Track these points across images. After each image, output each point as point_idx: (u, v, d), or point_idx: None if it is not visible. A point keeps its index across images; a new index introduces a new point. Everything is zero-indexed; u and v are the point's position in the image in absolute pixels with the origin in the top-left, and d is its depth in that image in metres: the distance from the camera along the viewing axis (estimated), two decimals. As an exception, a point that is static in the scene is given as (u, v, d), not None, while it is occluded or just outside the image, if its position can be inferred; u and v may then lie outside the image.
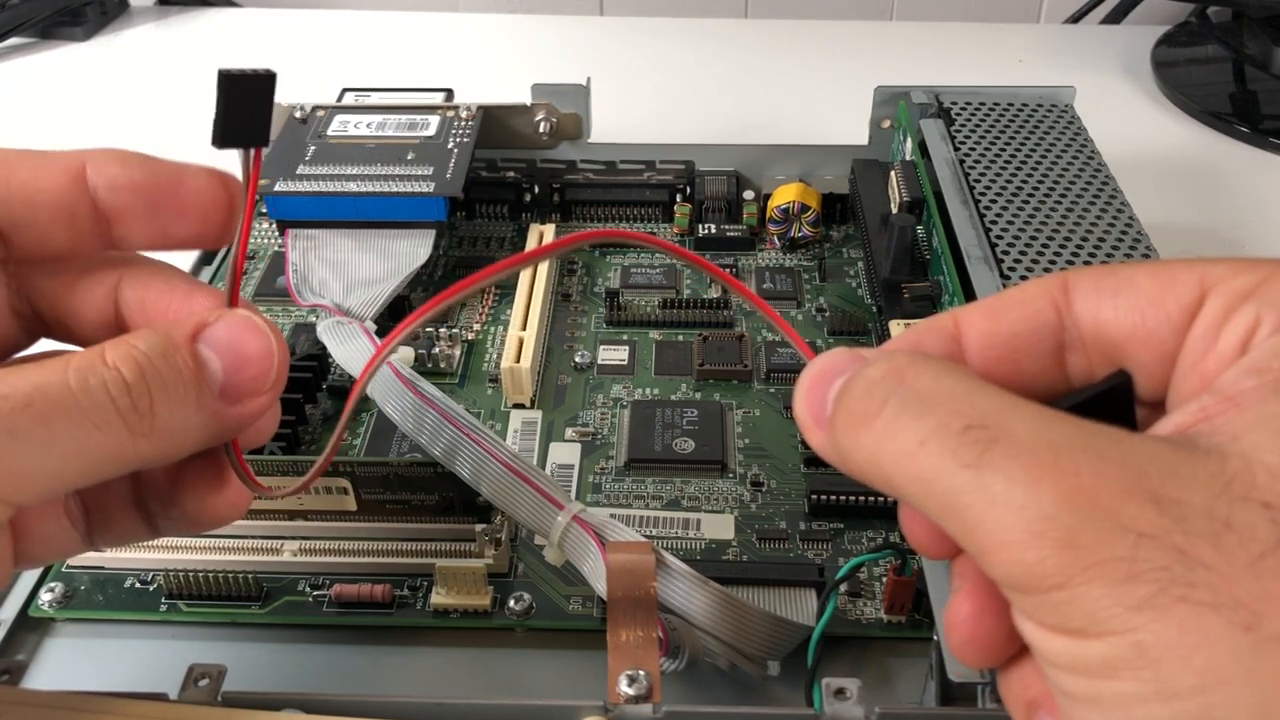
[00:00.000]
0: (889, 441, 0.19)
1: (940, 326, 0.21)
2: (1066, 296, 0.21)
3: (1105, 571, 0.16)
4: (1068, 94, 0.51)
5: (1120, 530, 0.16)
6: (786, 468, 0.42)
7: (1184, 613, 0.16)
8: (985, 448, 0.18)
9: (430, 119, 0.53)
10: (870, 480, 0.20)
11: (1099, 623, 0.16)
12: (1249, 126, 0.66)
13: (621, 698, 0.28)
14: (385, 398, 0.38)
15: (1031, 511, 0.17)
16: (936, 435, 0.18)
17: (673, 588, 0.32)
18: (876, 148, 0.55)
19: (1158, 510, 0.16)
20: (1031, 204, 0.43)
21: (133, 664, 0.36)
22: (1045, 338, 0.21)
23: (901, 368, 0.19)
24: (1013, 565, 0.17)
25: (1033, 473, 0.17)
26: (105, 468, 0.22)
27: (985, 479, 0.17)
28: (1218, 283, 0.19)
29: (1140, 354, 0.20)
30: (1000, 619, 0.20)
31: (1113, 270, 0.20)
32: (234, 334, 0.23)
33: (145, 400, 0.22)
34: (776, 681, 0.34)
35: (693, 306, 0.49)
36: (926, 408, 0.19)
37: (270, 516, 0.37)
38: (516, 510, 0.34)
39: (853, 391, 0.20)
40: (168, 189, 0.24)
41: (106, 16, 0.83)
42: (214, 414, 0.23)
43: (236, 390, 0.23)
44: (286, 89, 0.55)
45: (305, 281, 0.46)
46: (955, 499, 0.18)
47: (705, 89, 0.73)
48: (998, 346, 0.21)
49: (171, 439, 0.22)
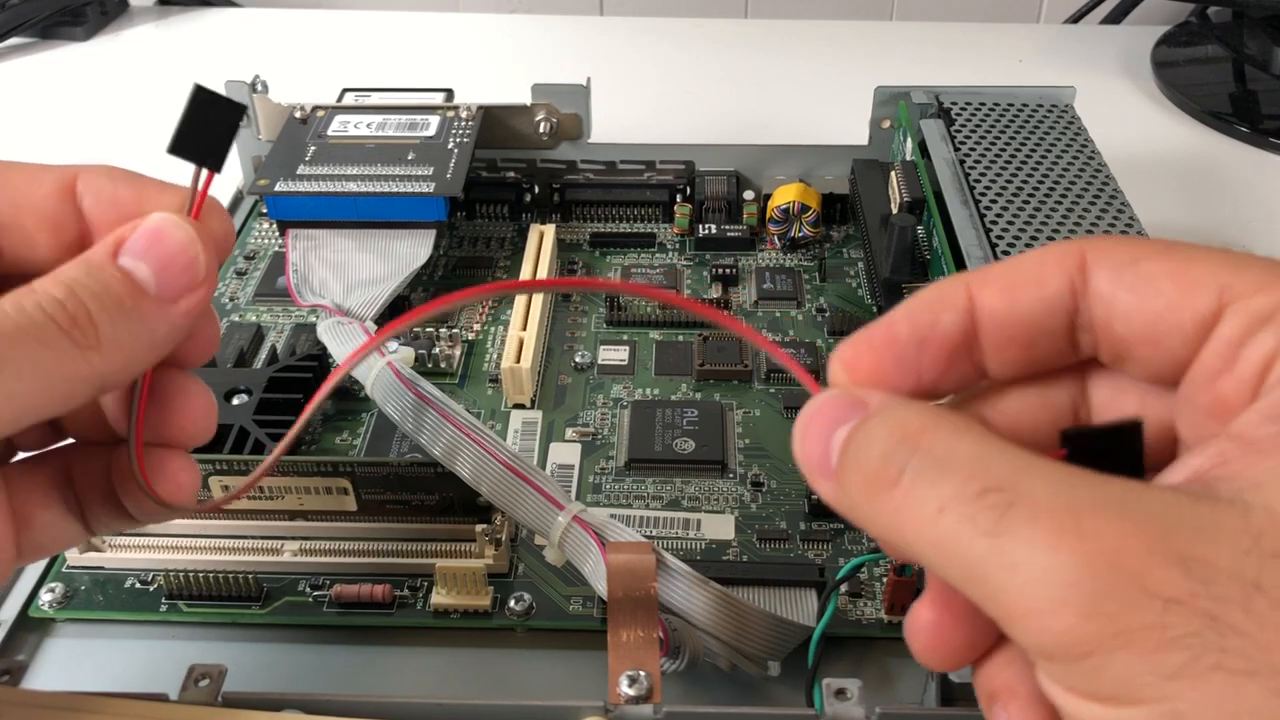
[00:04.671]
0: (907, 511, 0.18)
1: (954, 301, 0.21)
2: (1084, 276, 0.20)
3: (1135, 640, 0.16)
4: (1068, 94, 0.51)
5: (1147, 596, 0.16)
6: (786, 468, 0.42)
7: (1219, 681, 0.16)
8: (1003, 513, 0.17)
9: (430, 119, 0.53)
10: (889, 544, 0.20)
11: (1133, 690, 0.16)
12: (1249, 126, 0.66)
13: (622, 698, 0.28)
14: (385, 398, 0.38)
15: (1054, 578, 0.16)
16: (954, 502, 0.18)
17: (673, 588, 0.32)
18: (876, 148, 0.55)
19: (1184, 572, 0.16)
20: (1032, 204, 0.43)
21: (133, 664, 0.36)
22: (1060, 317, 0.20)
23: (915, 432, 0.19)
24: (1039, 633, 0.17)
25: (1052, 537, 0.17)
26: (66, 385, 0.22)
27: (1004, 546, 0.17)
28: (1237, 299, 0.19)
29: (1147, 354, 0.20)
30: (960, 627, 0.20)
31: (1133, 259, 0.20)
32: (152, 236, 0.24)
33: (83, 313, 0.22)
34: (777, 682, 0.34)
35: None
36: (943, 473, 0.18)
37: (270, 517, 0.37)
38: (516, 510, 0.34)
39: (867, 453, 0.19)
40: (150, 207, 0.24)
41: (106, 16, 0.83)
42: (158, 317, 0.23)
43: (170, 287, 0.23)
44: (286, 89, 0.55)
45: (305, 281, 0.46)
46: (976, 567, 0.17)
47: (705, 89, 0.73)
48: (1013, 327, 0.21)
49: (122, 351, 0.23)
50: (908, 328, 0.21)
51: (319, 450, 0.43)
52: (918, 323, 0.21)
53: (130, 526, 0.27)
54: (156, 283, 0.23)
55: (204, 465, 0.36)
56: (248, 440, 0.40)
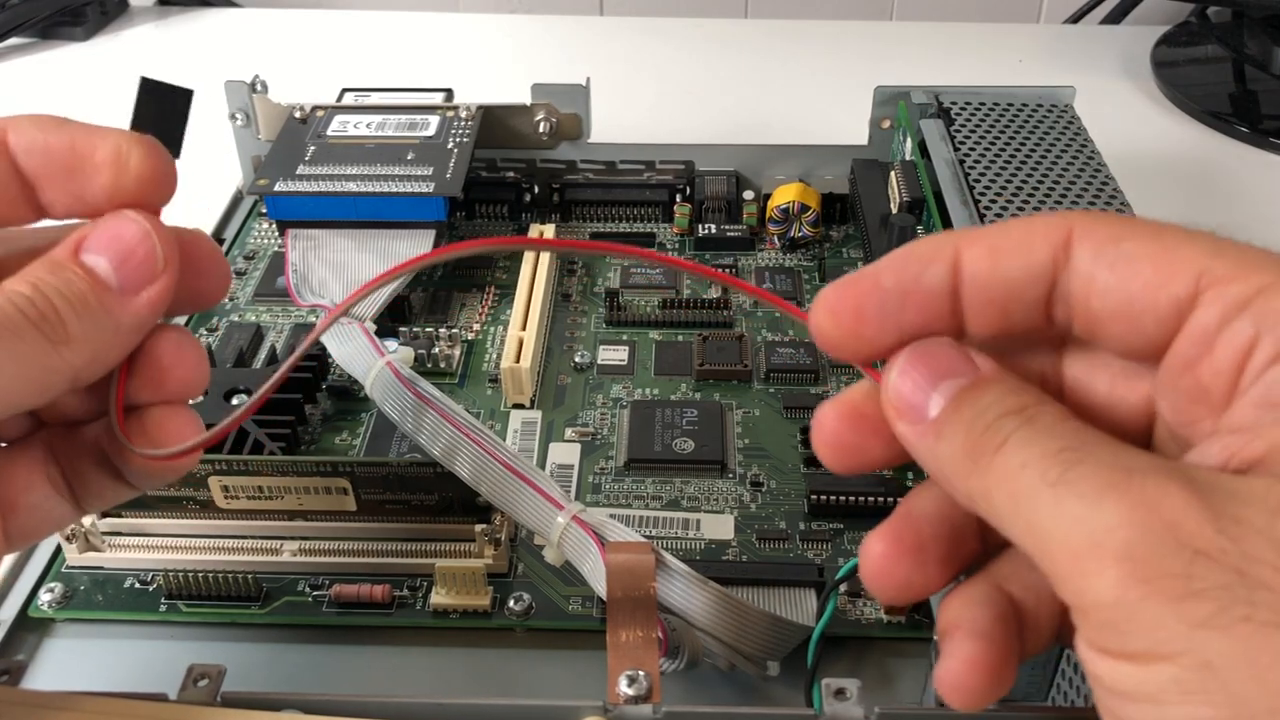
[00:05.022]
0: (999, 467, 0.19)
1: (942, 257, 0.21)
2: (1067, 250, 0.20)
3: (1162, 588, 0.16)
4: (1068, 94, 0.51)
5: (1177, 545, 0.17)
6: (786, 468, 0.42)
7: (1249, 632, 0.16)
8: (1069, 467, 0.18)
9: (430, 119, 0.53)
10: (974, 501, 0.20)
11: (1162, 643, 0.16)
12: (1249, 126, 0.66)
13: (621, 698, 0.28)
14: (385, 398, 0.38)
15: (1096, 523, 0.17)
16: (1035, 459, 0.19)
17: (672, 588, 0.32)
18: (876, 148, 0.55)
19: (1215, 528, 0.17)
20: (1032, 204, 0.43)
21: (132, 664, 0.36)
22: (1040, 287, 0.21)
23: (1026, 407, 0.20)
24: (1078, 580, 0.17)
25: (1104, 488, 0.18)
26: (42, 378, 0.23)
27: (1062, 495, 0.18)
28: (1214, 284, 0.19)
29: (1121, 332, 0.20)
30: (904, 563, 0.22)
31: (1116, 237, 0.20)
32: (109, 232, 0.24)
33: (51, 309, 0.23)
34: (776, 682, 0.34)
35: (692, 306, 0.49)
36: (1035, 438, 0.19)
37: (270, 517, 0.37)
38: (516, 510, 0.34)
39: (981, 418, 0.20)
40: (81, 150, 0.24)
41: (106, 16, 0.83)
42: (122, 310, 0.24)
43: (131, 280, 0.24)
44: (286, 89, 0.55)
45: (305, 281, 0.46)
46: (1035, 515, 0.18)
47: (705, 89, 0.73)
48: (994, 289, 0.21)
49: (90, 344, 0.23)
50: (893, 278, 0.21)
51: (318, 450, 0.43)
52: (903, 274, 0.21)
53: (130, 494, 0.27)
54: (118, 277, 0.24)
55: (204, 465, 0.36)
56: (247, 440, 0.40)
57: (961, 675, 0.21)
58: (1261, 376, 0.19)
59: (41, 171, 0.24)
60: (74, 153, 0.24)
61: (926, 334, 0.21)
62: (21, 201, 0.25)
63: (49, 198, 0.25)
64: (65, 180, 0.24)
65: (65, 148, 0.24)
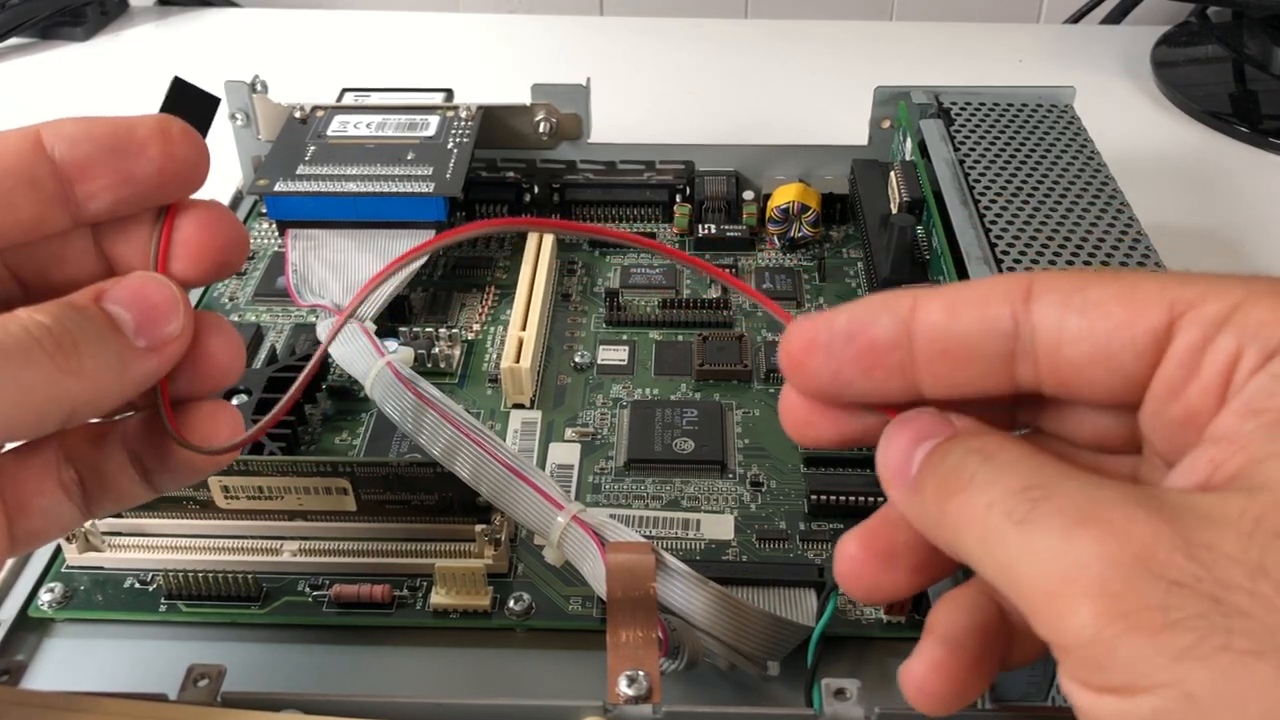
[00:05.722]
0: (966, 508, 0.19)
1: (896, 308, 0.22)
2: (1027, 306, 0.21)
3: (1139, 621, 0.16)
4: (1068, 94, 0.51)
5: (1151, 578, 0.16)
6: (786, 468, 0.42)
7: (1228, 662, 0.16)
8: (1035, 505, 0.18)
9: (430, 119, 0.53)
10: (949, 545, 0.20)
11: (1143, 675, 0.16)
12: (1249, 126, 0.66)
13: (621, 698, 0.28)
14: (385, 398, 0.38)
15: (1068, 560, 0.17)
16: (1000, 498, 0.19)
17: (672, 588, 0.32)
18: (876, 148, 0.55)
19: (1187, 557, 0.16)
20: (1031, 204, 0.43)
21: (132, 664, 0.36)
22: (997, 343, 0.21)
23: (988, 446, 0.20)
24: (1055, 619, 0.17)
25: (1073, 524, 0.18)
26: (41, 407, 0.22)
27: (1031, 533, 0.18)
28: (1188, 309, 0.19)
29: (1100, 376, 0.20)
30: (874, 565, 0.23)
31: (1080, 286, 0.20)
32: (133, 287, 0.24)
33: (69, 339, 0.23)
34: (776, 682, 0.34)
35: (692, 306, 0.49)
36: (999, 476, 0.19)
37: (270, 517, 0.37)
38: (516, 510, 0.34)
39: (945, 461, 0.21)
40: (122, 132, 0.25)
41: (106, 16, 0.83)
42: (133, 358, 0.24)
43: (148, 334, 0.24)
44: (286, 89, 0.55)
45: (305, 281, 0.46)
46: (1006, 555, 0.18)
47: (705, 89, 0.73)
48: (948, 341, 0.21)
49: (101, 382, 0.23)
50: (844, 321, 0.22)
51: (319, 450, 0.43)
52: (854, 319, 0.22)
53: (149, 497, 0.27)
54: (135, 328, 0.24)
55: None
56: (247, 440, 0.40)
57: (924, 678, 0.22)
58: (1246, 385, 0.19)
59: (87, 158, 0.24)
60: (116, 134, 0.24)
61: (869, 384, 0.22)
62: (57, 202, 0.24)
63: (93, 188, 0.25)
64: (113, 161, 0.24)
65: (107, 130, 0.24)
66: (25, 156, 0.24)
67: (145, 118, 0.25)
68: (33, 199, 0.24)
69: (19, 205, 0.24)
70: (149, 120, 0.25)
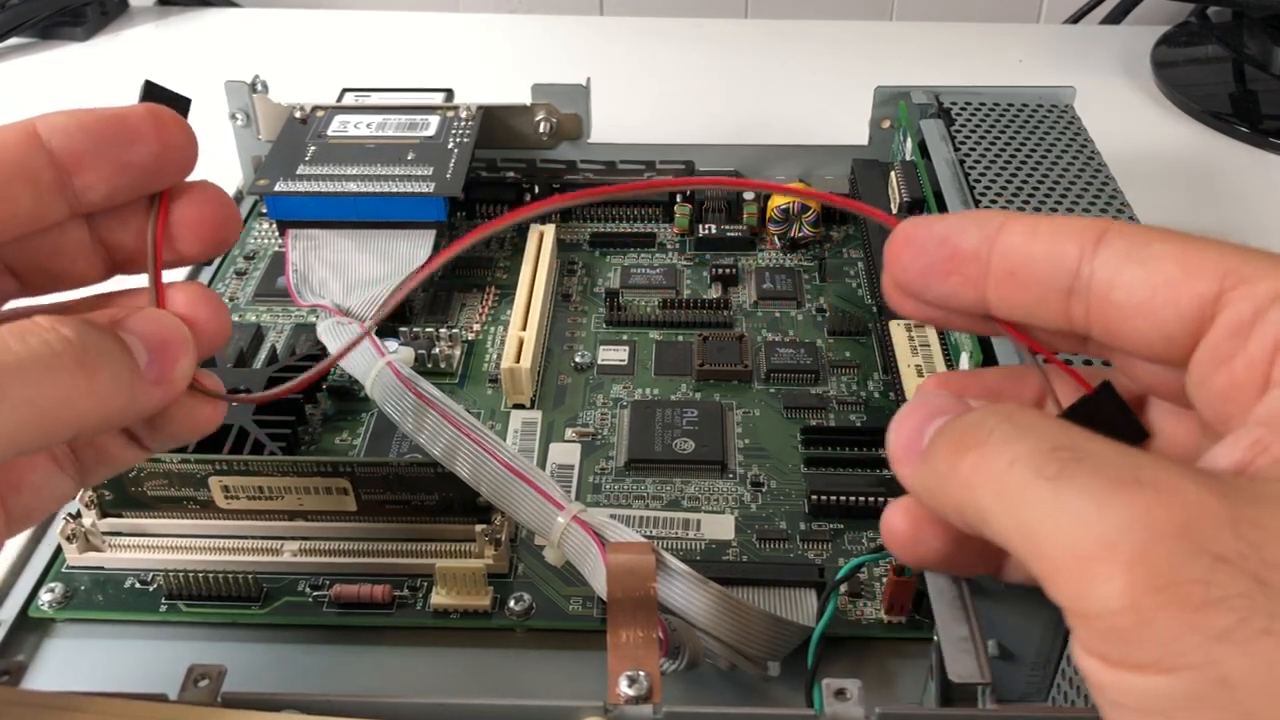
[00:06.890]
0: (982, 465, 0.19)
1: (986, 225, 0.23)
2: (1095, 248, 0.21)
3: (1179, 595, 0.15)
4: (1068, 94, 0.51)
5: (1196, 550, 0.16)
6: (786, 468, 0.42)
7: (1270, 647, 0.15)
8: (1067, 463, 0.18)
9: (430, 119, 0.53)
10: (960, 506, 0.20)
11: (1176, 654, 0.15)
12: (1249, 126, 0.66)
13: (621, 698, 0.28)
14: (385, 398, 0.38)
15: (1106, 525, 0.16)
16: (1026, 455, 0.18)
17: (673, 588, 0.32)
18: (876, 148, 0.55)
19: (1234, 534, 0.16)
20: (1032, 204, 0.43)
21: (133, 664, 0.36)
22: (1059, 276, 0.21)
23: (1013, 413, 0.20)
24: (1082, 584, 0.17)
25: (1111, 488, 0.17)
26: (55, 420, 0.22)
27: (1062, 492, 0.17)
28: (1241, 283, 0.19)
29: (1141, 327, 0.20)
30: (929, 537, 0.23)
31: (1146, 240, 0.21)
32: (153, 322, 0.25)
33: (90, 357, 0.23)
34: (776, 682, 0.34)
35: (693, 306, 0.49)
36: (1022, 435, 0.19)
37: (270, 517, 0.37)
38: (516, 510, 0.34)
39: (960, 424, 0.21)
40: (116, 122, 0.25)
41: (106, 16, 0.83)
42: (139, 386, 0.24)
43: (157, 370, 0.24)
44: (286, 89, 0.55)
45: (305, 282, 0.46)
46: (1030, 513, 0.18)
47: (705, 89, 0.73)
48: (1016, 263, 0.22)
49: (110, 406, 0.23)
50: (941, 227, 0.23)
51: (319, 450, 0.43)
52: (950, 227, 0.23)
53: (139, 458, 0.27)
54: (148, 362, 0.24)
55: (203, 465, 0.36)
56: (247, 440, 0.40)
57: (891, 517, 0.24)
58: None
59: (83, 148, 0.24)
60: (109, 123, 0.25)
61: (946, 288, 0.23)
62: (55, 193, 0.25)
63: (91, 177, 0.25)
64: (110, 150, 0.25)
65: (100, 121, 0.25)
66: (22, 149, 0.24)
67: (134, 107, 0.25)
68: (31, 191, 0.24)
69: (18, 198, 0.24)
70: (138, 109, 0.25)
